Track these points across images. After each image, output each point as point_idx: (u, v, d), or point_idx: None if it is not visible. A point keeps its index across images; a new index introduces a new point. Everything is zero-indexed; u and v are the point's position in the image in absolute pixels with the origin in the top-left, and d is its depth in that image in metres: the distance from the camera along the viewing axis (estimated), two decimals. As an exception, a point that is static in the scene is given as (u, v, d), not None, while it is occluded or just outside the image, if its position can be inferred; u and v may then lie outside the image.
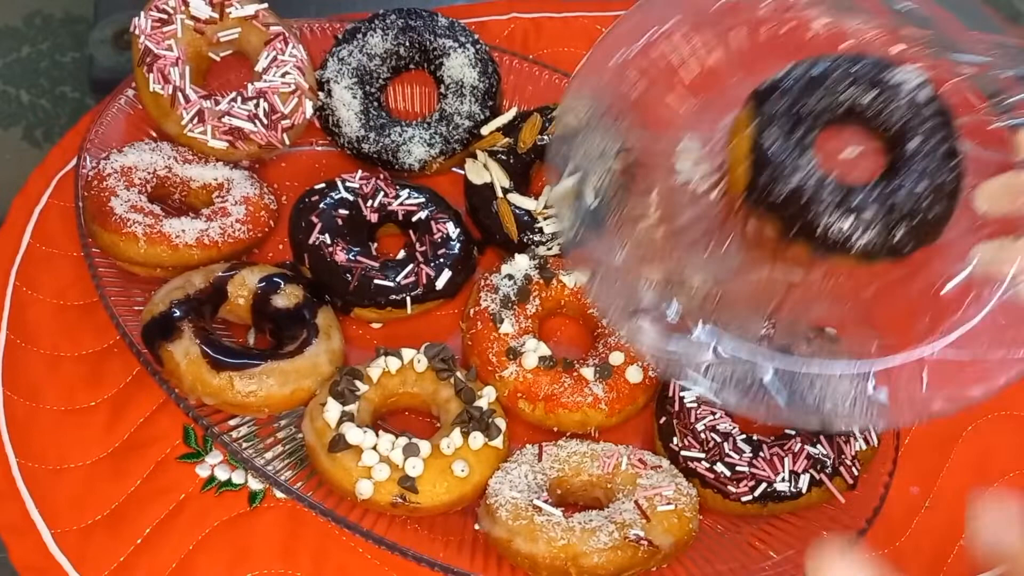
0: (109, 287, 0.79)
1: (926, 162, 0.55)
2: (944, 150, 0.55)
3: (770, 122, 0.55)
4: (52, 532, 0.74)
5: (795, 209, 0.54)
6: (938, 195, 0.55)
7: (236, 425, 0.75)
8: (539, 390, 0.76)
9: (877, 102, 0.56)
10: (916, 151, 0.55)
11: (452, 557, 0.71)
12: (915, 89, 0.56)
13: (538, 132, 0.86)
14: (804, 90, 0.56)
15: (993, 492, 0.78)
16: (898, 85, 0.56)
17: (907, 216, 0.54)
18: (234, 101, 0.82)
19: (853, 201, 0.54)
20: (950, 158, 0.55)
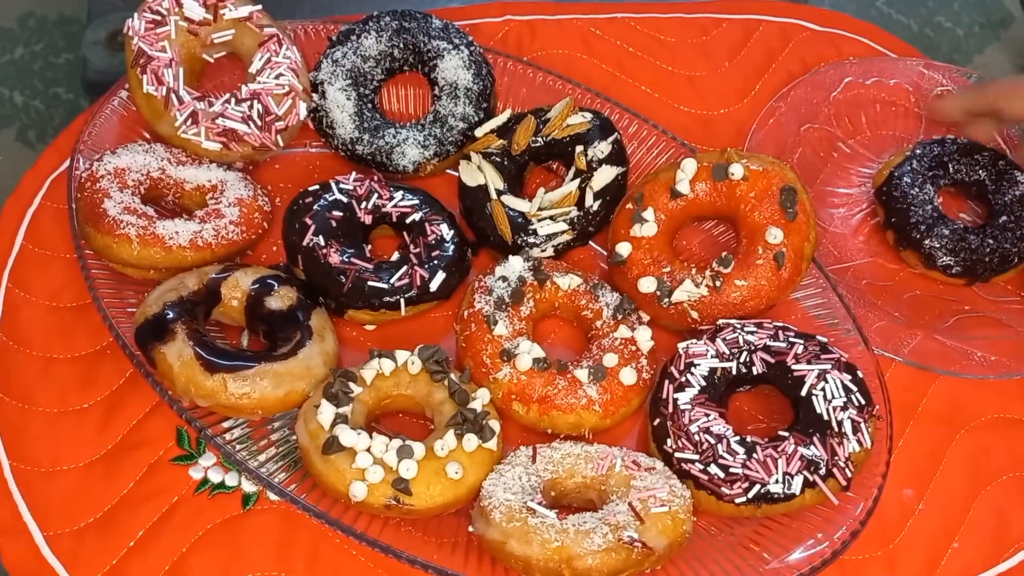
0: (102, 289, 0.79)
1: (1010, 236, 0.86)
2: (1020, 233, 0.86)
3: (920, 157, 0.89)
4: (45, 534, 0.73)
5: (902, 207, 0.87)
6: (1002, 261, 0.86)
7: (230, 427, 0.75)
8: (533, 392, 0.76)
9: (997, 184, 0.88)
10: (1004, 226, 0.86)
11: (446, 559, 0.71)
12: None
13: (532, 134, 0.86)
14: (958, 152, 0.89)
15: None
16: (1019, 182, 0.88)
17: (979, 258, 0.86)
18: (228, 103, 0.82)
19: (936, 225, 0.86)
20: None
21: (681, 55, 0.99)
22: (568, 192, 0.84)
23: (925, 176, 0.87)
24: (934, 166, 0.87)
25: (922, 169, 0.87)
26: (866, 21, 1.03)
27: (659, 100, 0.96)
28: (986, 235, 0.85)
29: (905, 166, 0.87)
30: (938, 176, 0.88)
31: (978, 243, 0.84)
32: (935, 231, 0.85)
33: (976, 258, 0.84)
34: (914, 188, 0.86)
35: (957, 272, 0.86)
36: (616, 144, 0.85)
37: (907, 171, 0.87)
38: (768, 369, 0.76)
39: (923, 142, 0.88)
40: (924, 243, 0.85)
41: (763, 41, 1.00)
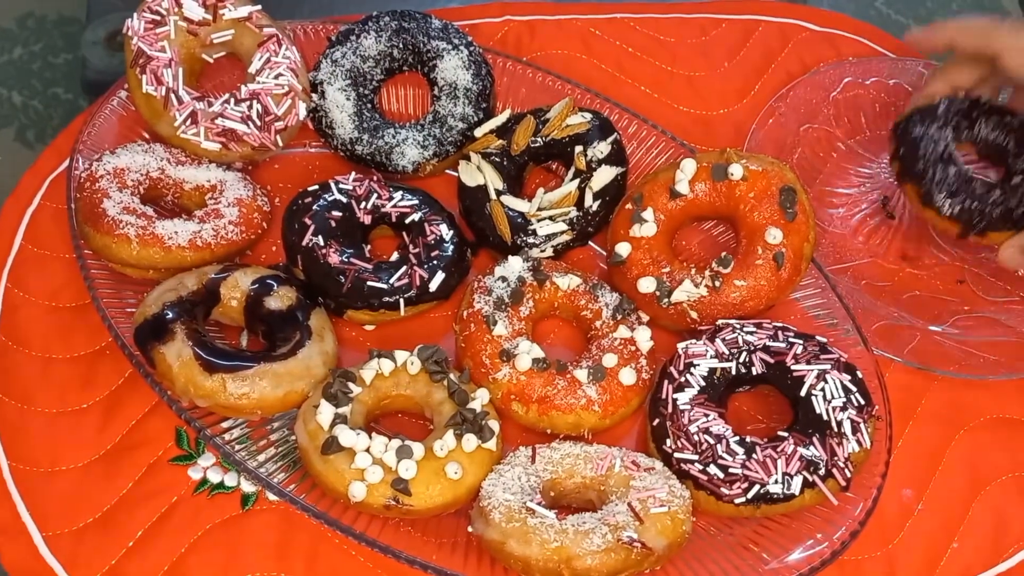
0: (101, 289, 0.79)
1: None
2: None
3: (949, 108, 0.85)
4: (44, 535, 0.73)
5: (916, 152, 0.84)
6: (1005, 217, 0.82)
7: (229, 427, 0.75)
8: (532, 392, 0.76)
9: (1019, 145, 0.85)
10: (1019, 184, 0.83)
11: (445, 559, 0.70)
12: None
13: (531, 134, 0.86)
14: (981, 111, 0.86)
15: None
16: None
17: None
18: (227, 103, 0.82)
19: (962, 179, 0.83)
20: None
21: (680, 55, 0.99)
22: (567, 192, 0.84)
23: (947, 121, 0.85)
24: (960, 116, 0.85)
25: (946, 115, 0.85)
26: (865, 21, 1.03)
27: (658, 100, 0.96)
28: (993, 187, 0.82)
29: (930, 109, 0.85)
30: (961, 126, 0.86)
31: (983, 191, 0.82)
32: (940, 168, 0.83)
33: (977, 206, 0.81)
34: (932, 127, 0.84)
35: (953, 214, 0.82)
36: (615, 144, 0.85)
37: (930, 112, 0.85)
38: (767, 369, 0.76)
39: (953, 97, 0.85)
40: (926, 176, 0.83)
41: (762, 41, 1.00)
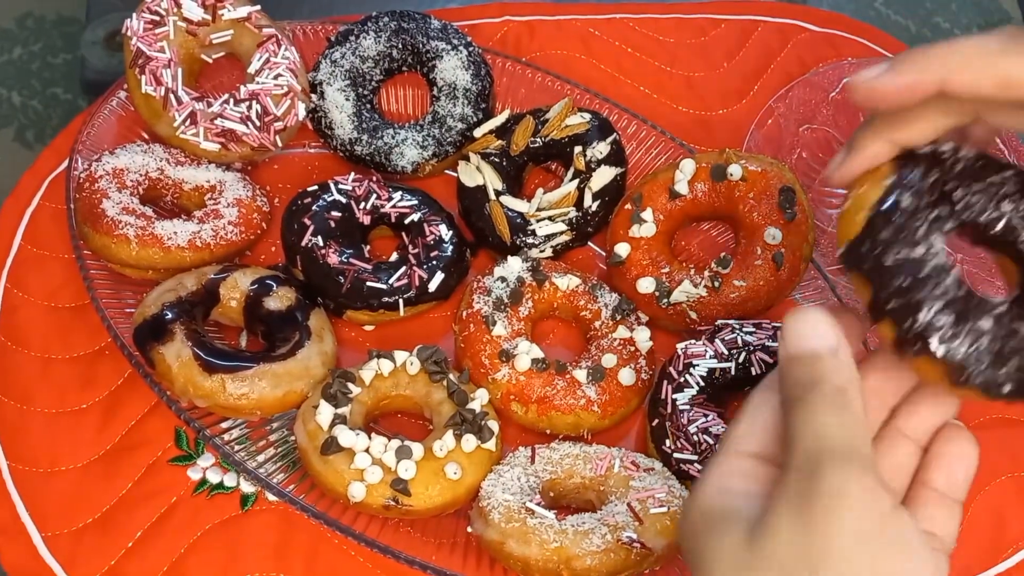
0: (100, 289, 0.78)
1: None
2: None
3: (911, 186, 0.48)
4: (43, 535, 0.73)
5: (899, 283, 0.47)
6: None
7: (228, 428, 0.75)
8: (532, 392, 0.76)
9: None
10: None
11: (445, 560, 0.70)
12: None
13: (530, 134, 0.86)
14: (964, 177, 0.48)
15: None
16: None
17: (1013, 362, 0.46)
18: (226, 103, 0.82)
19: (970, 313, 0.46)
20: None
21: (680, 55, 0.99)
22: (567, 192, 0.84)
23: (923, 220, 0.48)
24: (934, 201, 0.48)
25: (918, 208, 0.48)
26: (864, 22, 1.03)
27: (658, 100, 0.96)
28: (1008, 312, 0.47)
29: (890, 205, 0.48)
30: (940, 218, 0.48)
31: (1000, 325, 0.47)
32: (964, 325, 0.46)
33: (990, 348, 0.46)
34: (913, 245, 0.47)
35: (1011, 392, 0.47)
36: (615, 144, 0.85)
37: (896, 214, 0.47)
38: (767, 369, 0.75)
39: (912, 156, 0.49)
40: (950, 348, 0.46)
41: (761, 42, 1.00)
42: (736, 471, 0.46)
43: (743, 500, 0.44)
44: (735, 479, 0.46)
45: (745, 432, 0.47)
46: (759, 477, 0.46)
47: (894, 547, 0.41)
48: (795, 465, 0.42)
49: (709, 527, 0.44)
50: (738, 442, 0.47)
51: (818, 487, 0.41)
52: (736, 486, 0.46)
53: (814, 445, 0.42)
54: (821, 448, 0.42)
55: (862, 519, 0.40)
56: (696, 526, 0.45)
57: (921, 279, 0.46)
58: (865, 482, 0.41)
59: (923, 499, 0.48)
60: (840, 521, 0.40)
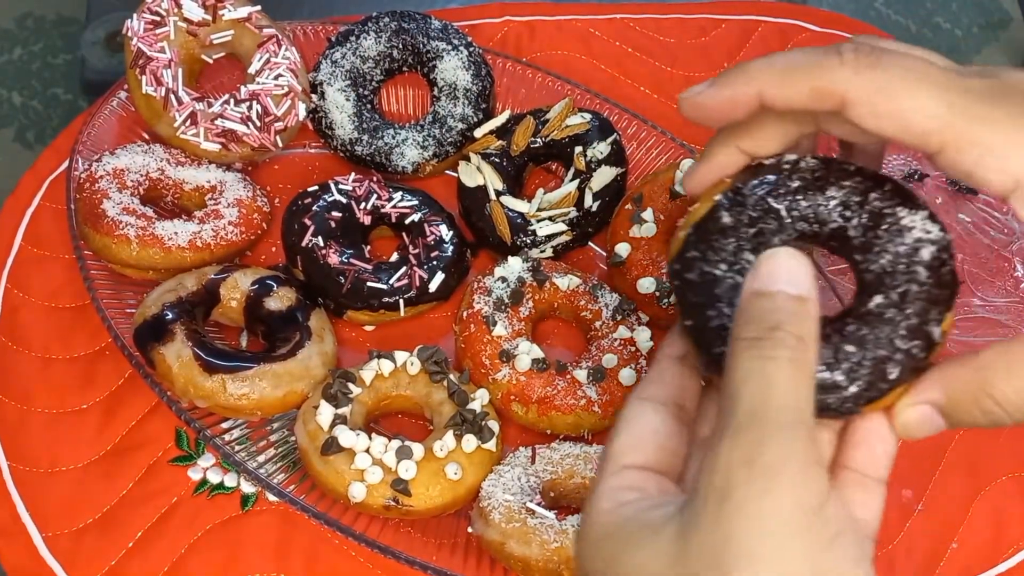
0: (101, 289, 0.78)
1: (884, 331, 0.44)
2: (912, 325, 0.43)
3: (738, 202, 0.45)
4: (43, 535, 0.73)
5: (694, 302, 0.45)
6: (874, 380, 0.43)
7: (228, 428, 0.75)
8: (532, 393, 0.76)
9: (869, 235, 0.45)
10: (879, 313, 0.44)
11: (445, 560, 0.70)
12: (920, 243, 0.44)
13: (531, 135, 0.86)
14: (798, 189, 0.45)
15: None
16: (904, 229, 0.44)
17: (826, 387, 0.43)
18: (227, 103, 0.82)
19: None
20: (915, 337, 0.43)
21: (680, 56, 0.99)
22: (567, 193, 0.84)
23: (741, 237, 0.45)
24: (759, 215, 0.45)
25: (741, 224, 0.45)
26: (864, 22, 1.03)
27: (658, 101, 0.96)
28: (845, 337, 0.44)
29: (710, 222, 0.45)
30: (766, 232, 0.45)
31: (830, 354, 0.43)
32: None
33: (822, 382, 0.43)
34: (716, 264, 0.45)
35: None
36: (615, 145, 0.85)
37: (712, 231, 0.45)
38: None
39: (753, 169, 0.47)
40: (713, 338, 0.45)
41: (762, 42, 1.00)
42: (627, 485, 0.42)
43: (648, 508, 0.40)
44: (628, 493, 0.42)
45: (626, 446, 0.44)
46: (650, 489, 0.42)
47: (827, 529, 0.37)
48: (733, 428, 0.37)
49: (624, 543, 0.40)
50: (621, 457, 0.44)
51: (760, 458, 0.36)
52: (631, 498, 0.42)
53: (760, 406, 0.37)
54: (767, 410, 0.37)
55: (801, 497, 0.36)
56: (605, 551, 0.41)
57: (715, 297, 0.44)
58: (809, 457, 0.37)
59: (841, 481, 0.45)
60: (779, 499, 0.36)
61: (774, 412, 0.37)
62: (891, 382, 0.43)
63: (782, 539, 0.36)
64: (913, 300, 0.43)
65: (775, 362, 0.38)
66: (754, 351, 0.39)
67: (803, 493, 0.36)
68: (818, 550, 0.36)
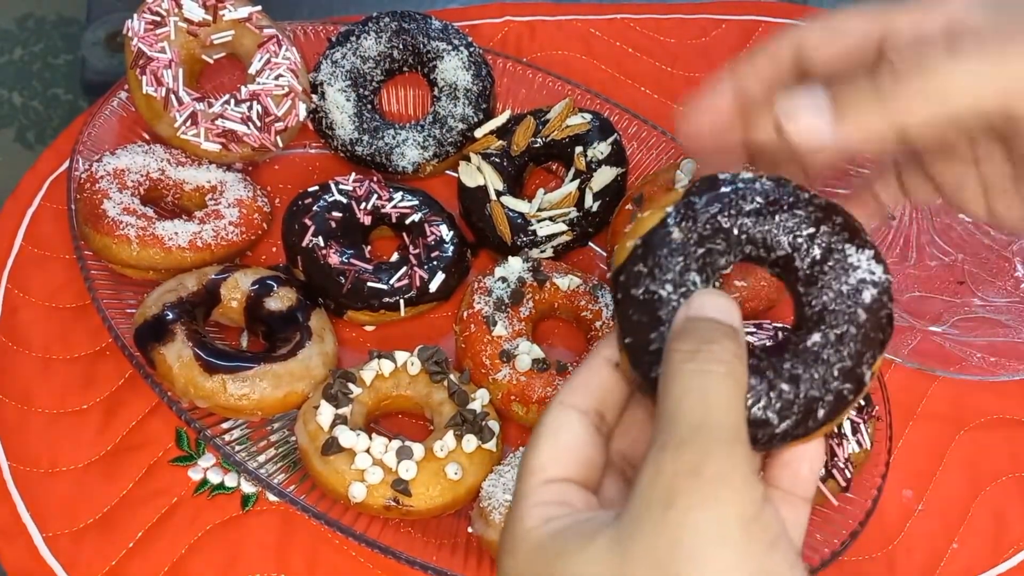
0: (101, 290, 0.78)
1: (819, 372, 0.44)
2: (847, 367, 0.44)
3: (688, 218, 0.44)
4: (43, 536, 0.73)
5: (635, 320, 0.44)
6: (802, 419, 0.43)
7: (229, 428, 0.75)
8: (532, 393, 0.76)
9: (816, 269, 0.45)
10: (816, 352, 0.44)
11: (445, 560, 0.70)
12: (863, 284, 0.44)
13: (531, 135, 0.86)
14: (751, 212, 0.45)
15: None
16: (849, 267, 0.44)
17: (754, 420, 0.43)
18: (227, 103, 0.82)
19: None
20: (847, 379, 0.44)
21: (681, 56, 0.99)
22: (567, 193, 0.84)
23: (689, 256, 0.44)
24: (709, 233, 0.45)
25: (688, 241, 0.44)
26: (865, 22, 1.03)
27: (659, 101, 0.96)
28: (780, 374, 0.44)
29: (658, 237, 0.44)
30: (714, 252, 0.45)
31: (763, 390, 0.43)
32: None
33: (754, 419, 0.43)
34: (662, 283, 0.44)
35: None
36: (615, 145, 0.85)
37: (660, 247, 0.44)
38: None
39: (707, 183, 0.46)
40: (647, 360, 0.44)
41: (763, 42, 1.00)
42: (552, 500, 0.42)
43: (578, 521, 0.40)
44: (554, 508, 0.41)
45: (549, 458, 0.43)
46: (576, 503, 0.42)
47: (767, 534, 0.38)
48: (676, 440, 0.38)
49: (556, 555, 0.39)
50: (543, 471, 0.43)
51: (706, 470, 0.37)
52: (558, 513, 0.41)
53: (702, 419, 0.38)
54: (709, 424, 0.38)
55: (743, 505, 0.37)
56: (536, 564, 0.40)
57: (658, 319, 0.43)
58: (748, 468, 0.38)
59: (768, 498, 0.44)
60: (724, 508, 0.37)
61: (715, 426, 0.38)
62: (818, 422, 0.44)
63: (728, 544, 0.37)
64: (849, 342, 0.44)
65: (713, 376, 0.39)
66: (692, 364, 0.40)
67: (745, 502, 0.38)
68: (761, 553, 0.37)
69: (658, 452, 0.38)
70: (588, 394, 0.45)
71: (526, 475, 0.43)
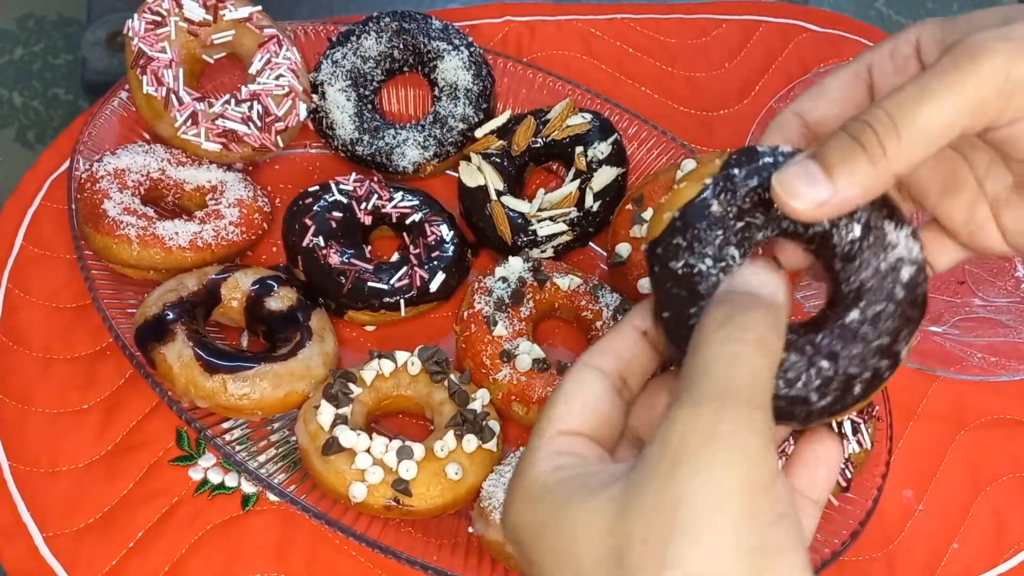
0: (102, 289, 0.78)
1: (858, 349, 0.43)
2: (884, 345, 0.43)
3: (729, 189, 0.44)
4: (44, 535, 0.73)
5: (673, 295, 0.43)
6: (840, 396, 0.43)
7: (229, 428, 0.75)
8: (533, 392, 0.76)
9: (854, 246, 0.44)
10: (855, 330, 0.43)
11: (446, 560, 0.70)
12: (901, 262, 0.44)
13: (531, 135, 0.86)
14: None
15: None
16: (888, 245, 0.44)
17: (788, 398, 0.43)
18: (228, 103, 0.82)
19: None
20: (884, 356, 0.43)
21: (681, 56, 0.99)
22: (568, 193, 0.84)
23: (728, 230, 0.43)
24: (748, 207, 0.44)
25: (727, 215, 0.43)
26: (865, 22, 1.03)
27: (659, 101, 0.96)
28: (819, 351, 0.43)
29: (697, 208, 0.43)
30: (752, 226, 0.44)
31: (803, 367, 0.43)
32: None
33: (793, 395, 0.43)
34: (702, 256, 0.43)
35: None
36: (616, 145, 0.85)
37: (699, 219, 0.43)
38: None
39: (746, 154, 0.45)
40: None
41: (763, 42, 1.00)
42: (566, 450, 0.42)
43: (589, 472, 0.40)
44: (567, 457, 0.41)
45: (566, 411, 0.43)
46: (589, 456, 0.41)
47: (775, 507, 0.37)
48: (696, 398, 0.37)
49: (563, 501, 0.39)
50: (560, 422, 0.43)
51: (720, 428, 0.36)
52: (570, 462, 0.41)
53: (725, 382, 0.37)
54: (731, 386, 0.37)
55: (755, 472, 0.36)
56: (542, 508, 0.40)
57: (697, 293, 0.43)
58: (766, 435, 0.37)
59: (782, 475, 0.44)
60: (734, 470, 0.36)
61: (737, 389, 0.37)
62: (854, 398, 0.43)
63: (728, 512, 0.36)
64: (887, 319, 0.43)
65: (742, 343, 0.38)
66: (723, 330, 0.39)
67: (758, 469, 0.36)
68: (765, 524, 0.36)
69: (676, 408, 0.37)
70: (613, 357, 0.44)
71: (542, 424, 0.43)
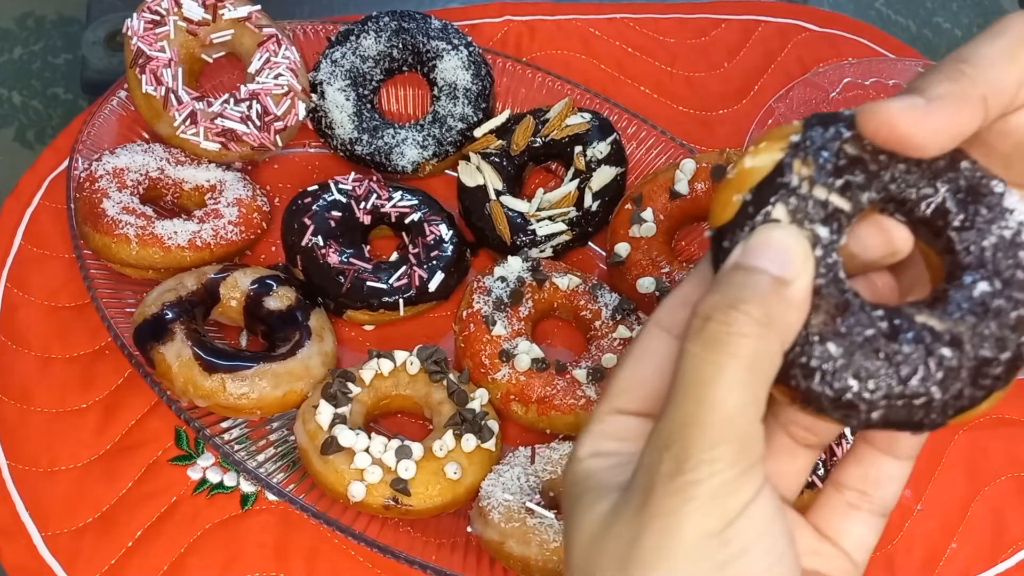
0: (101, 289, 0.78)
1: (993, 326, 0.36)
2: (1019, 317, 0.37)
3: (812, 159, 0.37)
4: (43, 535, 0.73)
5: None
6: (973, 386, 0.37)
7: (228, 427, 0.75)
8: (532, 392, 0.76)
9: (969, 213, 0.38)
10: (986, 303, 0.37)
11: (445, 559, 0.70)
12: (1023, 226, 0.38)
13: (531, 134, 0.86)
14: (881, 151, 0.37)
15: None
16: (1006, 210, 0.38)
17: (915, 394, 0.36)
18: (227, 103, 0.82)
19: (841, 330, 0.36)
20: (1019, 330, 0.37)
21: (680, 55, 0.99)
22: (567, 192, 0.84)
23: (817, 205, 0.37)
24: (843, 168, 0.37)
25: (822, 178, 0.37)
26: (865, 22, 1.03)
27: (658, 100, 0.96)
28: (938, 337, 0.36)
29: (785, 176, 0.37)
30: (853, 186, 0.37)
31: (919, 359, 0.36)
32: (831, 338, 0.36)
33: (925, 399, 0.36)
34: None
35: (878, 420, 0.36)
36: (615, 144, 0.85)
37: (785, 188, 0.36)
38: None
39: (817, 119, 0.38)
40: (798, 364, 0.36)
41: (762, 41, 1.00)
42: (611, 432, 0.39)
43: (613, 465, 0.38)
44: (609, 442, 0.39)
45: (627, 383, 0.40)
46: (630, 445, 0.39)
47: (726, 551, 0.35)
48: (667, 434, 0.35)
49: (576, 497, 0.38)
50: (618, 397, 0.40)
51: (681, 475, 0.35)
52: (608, 448, 0.39)
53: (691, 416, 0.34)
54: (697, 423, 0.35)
55: (706, 521, 0.35)
56: (567, 496, 0.39)
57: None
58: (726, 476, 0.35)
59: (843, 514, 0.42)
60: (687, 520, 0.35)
61: (703, 426, 0.34)
62: (994, 384, 0.37)
63: (674, 559, 0.35)
64: (1019, 289, 0.37)
65: (712, 365, 0.34)
66: (698, 343, 0.35)
67: (710, 517, 0.35)
68: (708, 572, 0.35)
69: (651, 441, 0.36)
70: (687, 310, 0.37)
71: (604, 396, 0.40)
